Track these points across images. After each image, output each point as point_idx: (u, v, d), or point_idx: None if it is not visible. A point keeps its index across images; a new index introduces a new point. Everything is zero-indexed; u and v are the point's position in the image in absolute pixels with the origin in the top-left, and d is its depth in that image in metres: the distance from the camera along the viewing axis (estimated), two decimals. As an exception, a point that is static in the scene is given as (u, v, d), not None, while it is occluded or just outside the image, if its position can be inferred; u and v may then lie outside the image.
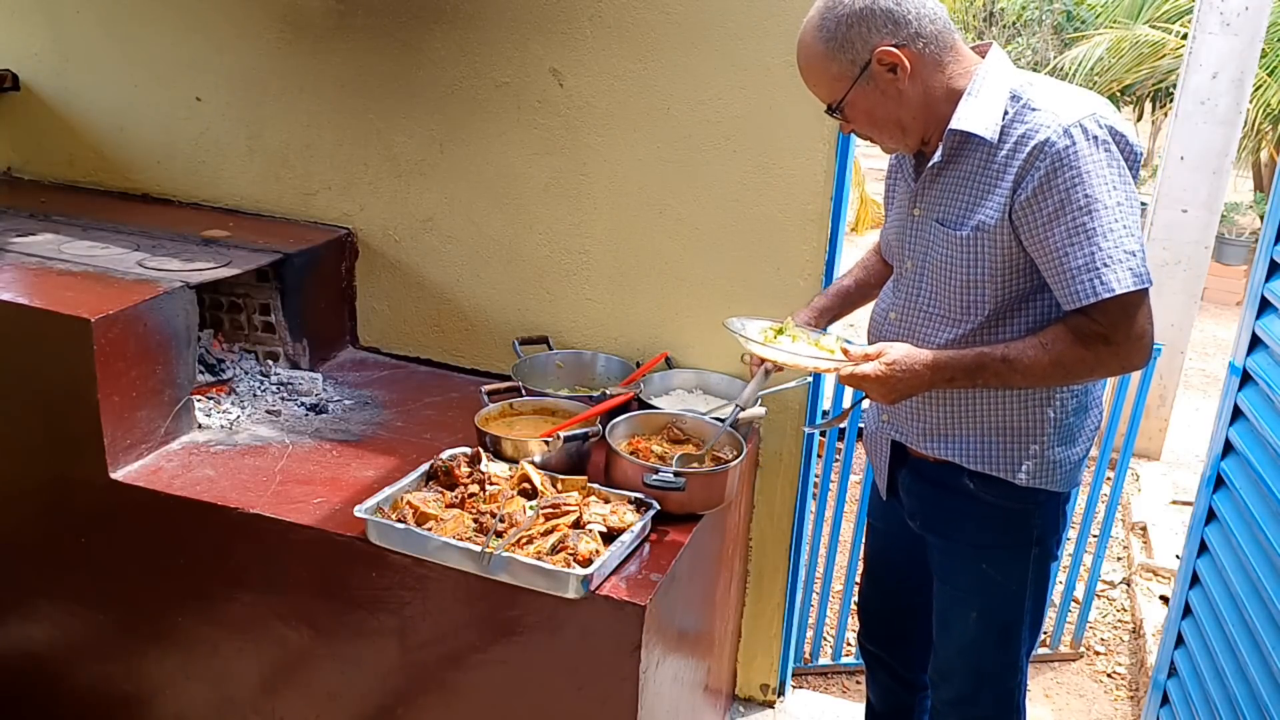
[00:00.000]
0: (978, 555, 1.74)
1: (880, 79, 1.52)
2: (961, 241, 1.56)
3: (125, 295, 1.95)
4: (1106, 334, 1.49)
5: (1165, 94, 8.75)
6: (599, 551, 1.68)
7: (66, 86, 2.69)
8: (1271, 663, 1.88)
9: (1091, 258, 1.44)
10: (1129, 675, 3.17)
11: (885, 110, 1.56)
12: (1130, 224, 1.46)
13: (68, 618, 2.11)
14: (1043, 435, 1.64)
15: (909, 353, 1.57)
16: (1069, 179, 1.44)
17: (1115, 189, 1.45)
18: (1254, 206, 8.60)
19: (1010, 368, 1.54)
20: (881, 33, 1.50)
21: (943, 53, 1.54)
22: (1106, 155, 1.45)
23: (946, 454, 1.70)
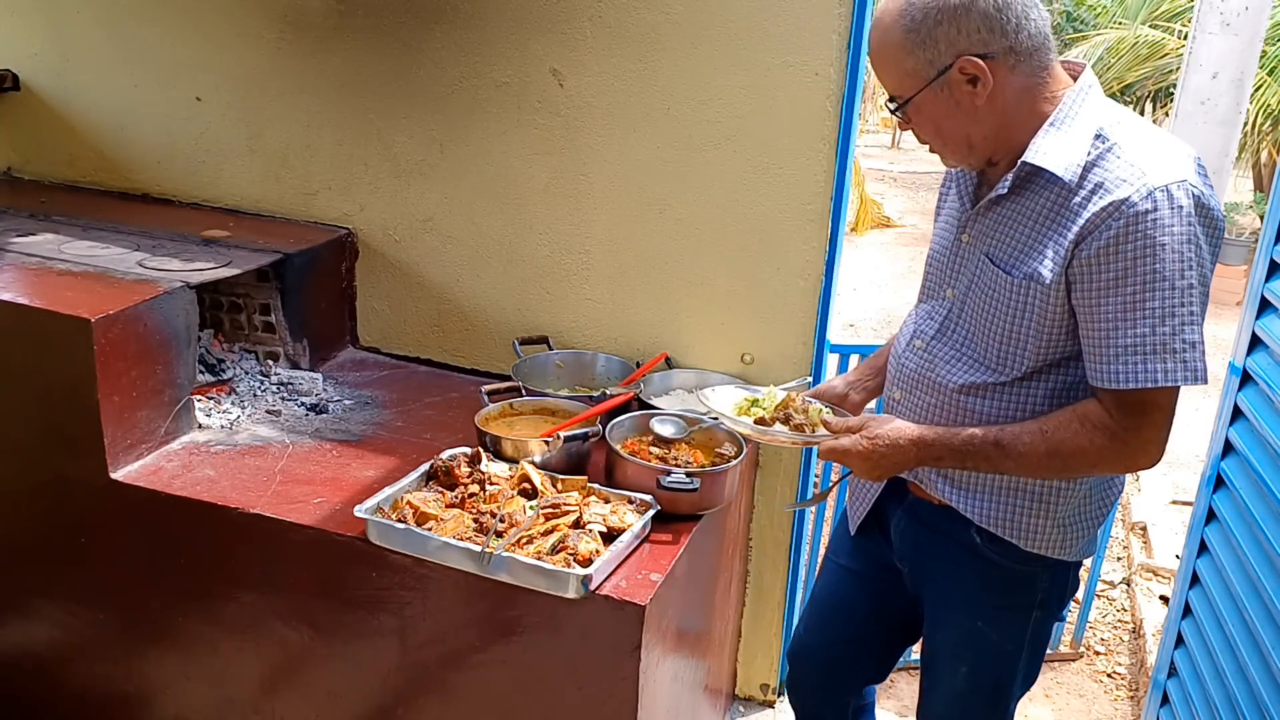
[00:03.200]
0: (974, 612, 1.61)
1: (957, 88, 1.35)
2: (1011, 287, 1.40)
3: (125, 295, 1.95)
4: (1117, 430, 1.35)
5: (1165, 94, 8.75)
6: (599, 551, 1.68)
7: (66, 86, 2.69)
8: (1271, 663, 1.88)
9: (1143, 339, 1.29)
10: (1129, 675, 3.17)
11: (955, 123, 1.39)
12: (1197, 311, 1.30)
13: (67, 618, 2.11)
14: (1063, 501, 1.51)
15: (894, 428, 1.47)
16: (1140, 248, 1.28)
17: (1190, 269, 1.28)
18: (1254, 206, 8.60)
19: (1003, 453, 1.41)
20: (973, 39, 1.32)
21: (1035, 72, 1.36)
22: (1189, 230, 1.28)
23: (955, 502, 1.55)
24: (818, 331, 2.27)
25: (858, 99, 2.11)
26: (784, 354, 2.30)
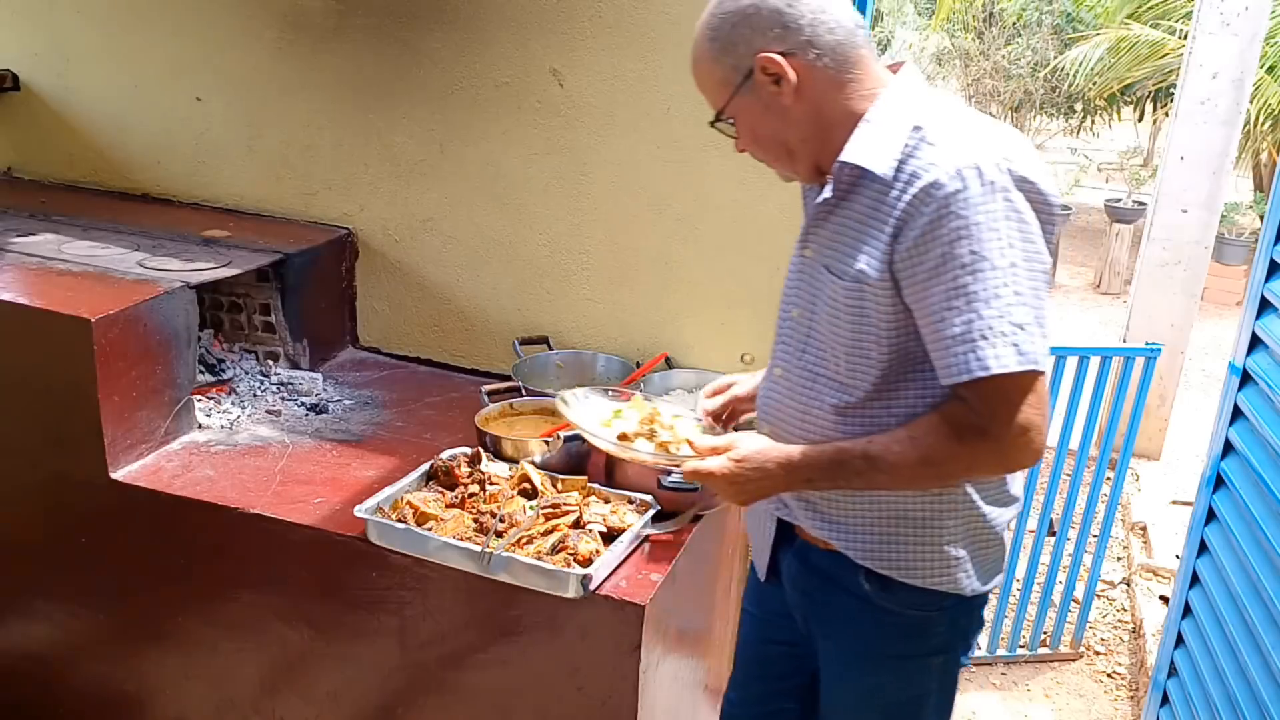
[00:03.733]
0: (873, 666, 1.49)
1: (764, 90, 1.31)
2: (846, 293, 1.32)
3: (125, 295, 1.95)
4: (984, 425, 1.25)
5: (1165, 94, 8.74)
6: (599, 551, 1.68)
7: (66, 86, 2.69)
8: (1271, 663, 1.88)
9: (969, 327, 1.21)
10: (1129, 675, 3.17)
11: (770, 128, 1.35)
12: (1024, 290, 1.21)
13: (68, 618, 2.11)
14: (946, 524, 1.39)
15: (760, 448, 1.38)
16: (954, 230, 1.20)
17: (1011, 247, 1.21)
18: (1254, 206, 8.60)
19: (874, 466, 1.31)
20: (768, 36, 1.28)
21: (843, 68, 1.30)
22: (1005, 205, 1.20)
23: (835, 540, 1.44)
24: (818, 331, 2.27)
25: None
26: (784, 354, 2.30)
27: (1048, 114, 9.51)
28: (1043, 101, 9.17)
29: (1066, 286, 8.37)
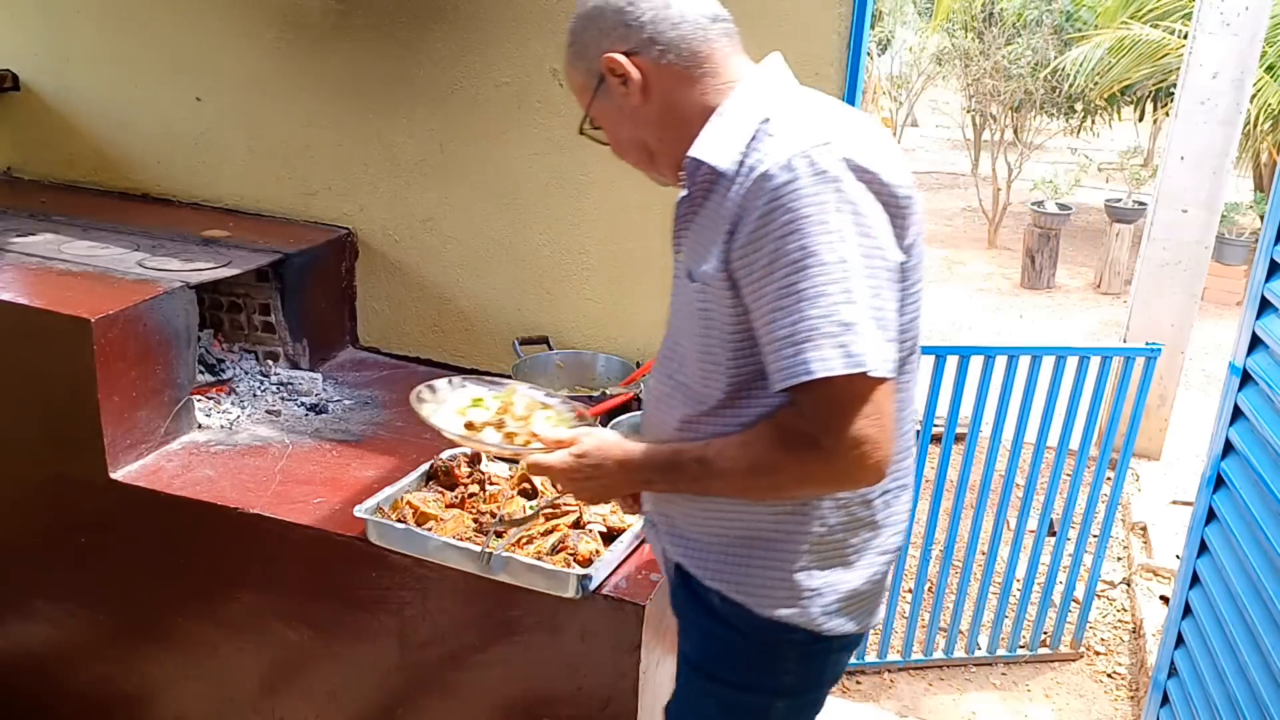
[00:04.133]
0: (708, 689, 1.39)
1: (615, 91, 1.27)
2: (694, 295, 1.25)
3: (125, 295, 1.95)
4: (814, 434, 1.13)
5: (1165, 94, 8.74)
6: (599, 551, 1.68)
7: (66, 86, 2.69)
8: (1271, 663, 1.88)
9: (794, 328, 1.10)
10: (1129, 675, 3.17)
11: (627, 130, 1.31)
12: (856, 288, 1.09)
13: (67, 618, 2.11)
14: (795, 545, 1.26)
15: (601, 445, 1.31)
16: (784, 225, 1.10)
17: (843, 241, 1.09)
18: (1254, 206, 8.60)
19: (707, 470, 1.22)
20: (612, 36, 1.24)
21: (693, 63, 1.24)
22: (837, 197, 1.10)
23: (679, 556, 1.35)
24: (818, 331, 2.27)
25: (858, 99, 2.11)
26: (784, 354, 2.30)
27: (1048, 114, 9.49)
28: (1043, 101, 9.16)
29: (1067, 286, 8.37)
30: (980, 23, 9.25)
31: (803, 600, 1.27)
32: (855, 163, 1.12)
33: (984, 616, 3.15)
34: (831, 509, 1.26)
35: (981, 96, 9.35)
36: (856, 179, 1.12)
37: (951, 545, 2.93)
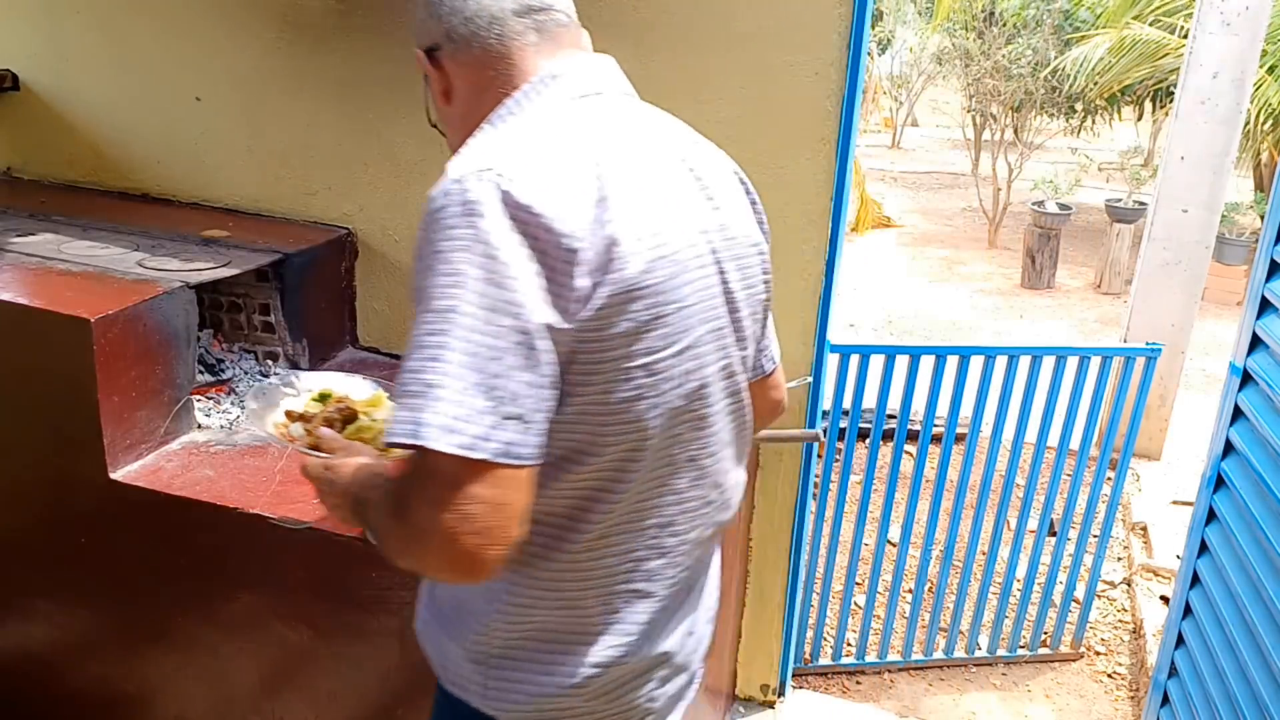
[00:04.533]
0: None
1: (430, 88, 1.18)
2: None
3: (125, 295, 1.95)
4: (404, 494, 0.94)
5: (1165, 94, 8.74)
6: (599, 552, 1.67)
7: (66, 86, 2.69)
8: (1271, 663, 1.87)
9: (398, 380, 0.92)
10: (1129, 675, 3.17)
11: (448, 129, 1.20)
12: (454, 345, 0.89)
13: (67, 618, 2.11)
14: (468, 620, 1.11)
15: (349, 458, 1.19)
16: (420, 259, 0.94)
17: (458, 286, 0.89)
18: (1254, 206, 8.60)
19: (364, 507, 1.08)
20: (421, 31, 1.14)
21: (485, 63, 1.09)
22: (470, 235, 0.90)
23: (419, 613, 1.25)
24: (818, 331, 2.27)
25: (858, 99, 2.11)
26: (784, 354, 2.28)
27: (1048, 114, 9.50)
28: (1043, 101, 9.17)
29: (1067, 286, 8.38)
30: (980, 22, 9.25)
31: (478, 681, 1.12)
32: (514, 197, 0.92)
33: (984, 616, 3.15)
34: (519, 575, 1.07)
35: (981, 96, 9.36)
36: (505, 215, 0.91)
37: (951, 545, 2.93)
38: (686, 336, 1.03)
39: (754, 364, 1.25)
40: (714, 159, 1.18)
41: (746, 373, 1.19)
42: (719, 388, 1.11)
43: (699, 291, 1.05)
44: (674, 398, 1.03)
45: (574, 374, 0.96)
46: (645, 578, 1.10)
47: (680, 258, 1.02)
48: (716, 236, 1.09)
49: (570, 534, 1.05)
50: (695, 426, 1.08)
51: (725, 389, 1.12)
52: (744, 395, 1.18)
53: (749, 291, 1.15)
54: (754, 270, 1.17)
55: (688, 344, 1.03)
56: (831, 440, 2.70)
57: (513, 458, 0.90)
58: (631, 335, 0.97)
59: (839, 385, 2.63)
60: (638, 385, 0.99)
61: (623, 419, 1.00)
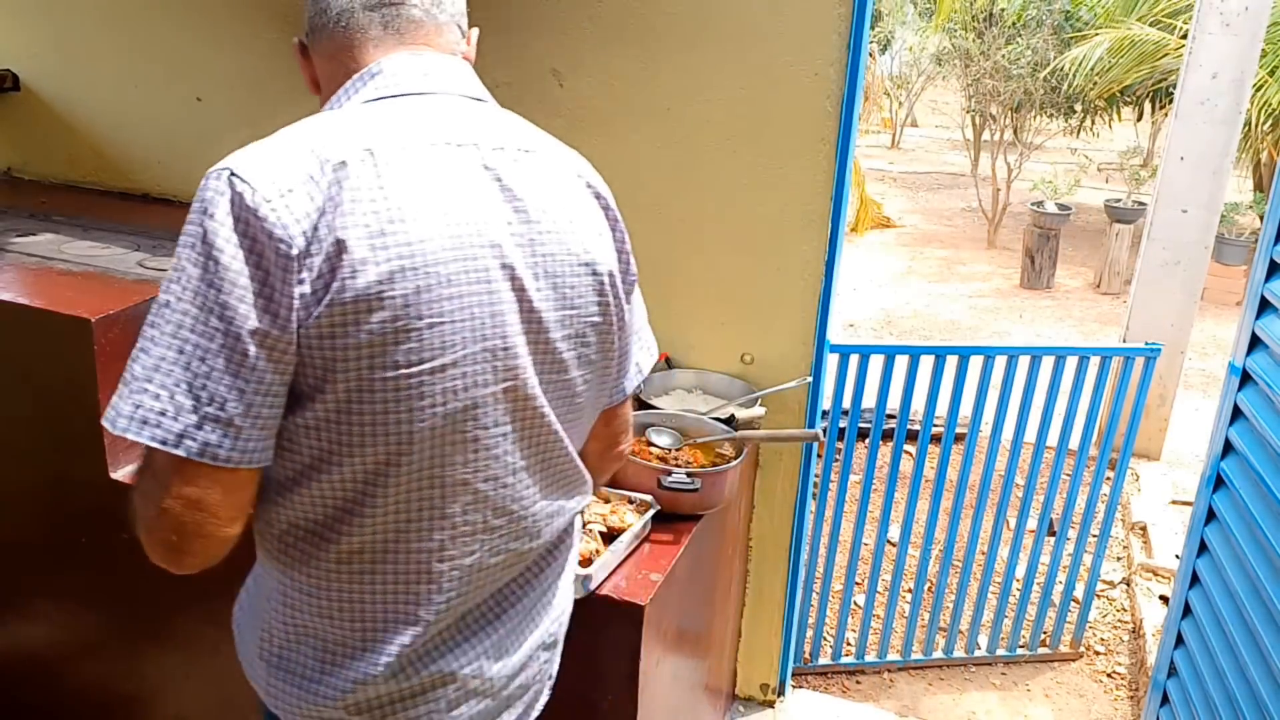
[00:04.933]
0: None
1: (304, 78, 1.17)
2: None
3: (125, 295, 1.95)
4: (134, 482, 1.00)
5: (1165, 94, 8.74)
6: (599, 551, 1.68)
7: (66, 86, 2.69)
8: (1271, 662, 1.88)
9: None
10: (1129, 675, 3.17)
11: None
12: (159, 339, 0.90)
13: (67, 618, 2.11)
14: (252, 617, 1.17)
15: None
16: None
17: (177, 282, 0.90)
18: (1254, 206, 8.61)
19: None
20: (303, 19, 1.13)
21: (332, 55, 1.09)
22: (196, 232, 0.91)
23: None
24: (818, 331, 2.27)
25: (858, 99, 2.12)
26: (784, 354, 2.30)
27: (1048, 114, 9.51)
28: (1043, 102, 9.17)
29: (1066, 286, 8.38)
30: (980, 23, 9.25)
31: (265, 677, 1.13)
32: (242, 199, 0.91)
33: (984, 616, 3.16)
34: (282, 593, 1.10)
35: (981, 96, 9.36)
36: (231, 216, 0.90)
37: (951, 545, 2.93)
38: (448, 354, 0.97)
39: (611, 390, 1.21)
40: (546, 171, 1.08)
41: (568, 397, 1.11)
42: (499, 411, 1.03)
43: (470, 308, 0.98)
44: (433, 416, 0.98)
45: (308, 381, 0.94)
46: (412, 600, 1.06)
47: (443, 271, 0.96)
48: (517, 251, 1.01)
49: (326, 544, 1.03)
50: (467, 449, 1.02)
51: (512, 413, 1.05)
52: (550, 420, 1.09)
53: (568, 312, 1.07)
54: (580, 290, 1.08)
55: (449, 361, 0.97)
56: (831, 440, 2.70)
57: (212, 459, 0.91)
58: (372, 348, 0.93)
59: (838, 385, 2.64)
60: (384, 400, 0.96)
61: (370, 432, 0.97)
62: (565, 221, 1.07)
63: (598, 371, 1.15)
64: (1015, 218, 9.78)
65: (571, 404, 1.13)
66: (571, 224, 1.08)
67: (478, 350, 1.00)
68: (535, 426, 1.08)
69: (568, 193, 1.10)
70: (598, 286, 1.10)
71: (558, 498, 1.16)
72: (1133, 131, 11.86)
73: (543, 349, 1.06)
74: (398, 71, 1.06)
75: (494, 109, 1.11)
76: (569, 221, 1.08)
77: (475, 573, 1.09)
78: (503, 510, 1.08)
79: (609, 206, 1.18)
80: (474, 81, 1.12)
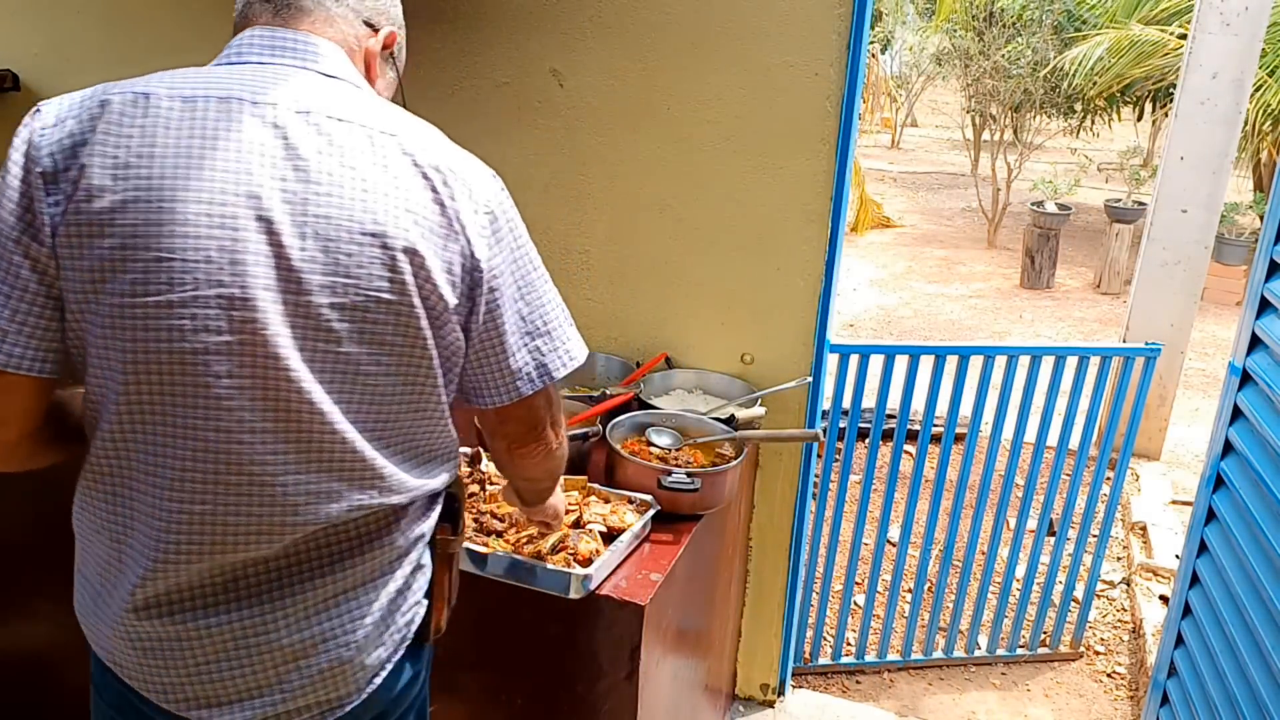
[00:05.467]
0: None
1: None
2: None
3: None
4: None
5: (1165, 94, 8.75)
6: (599, 551, 1.68)
7: (66, 86, 2.68)
8: (1271, 662, 1.88)
9: None
10: (1129, 675, 3.17)
11: None
12: None
13: (68, 617, 2.10)
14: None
15: None
16: None
17: None
18: (1254, 206, 8.61)
19: None
20: None
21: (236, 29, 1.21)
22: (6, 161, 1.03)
23: None
24: (818, 331, 2.27)
25: (858, 99, 2.12)
26: (784, 354, 2.31)
27: (1047, 114, 9.51)
28: (1042, 101, 9.18)
29: (1066, 286, 8.38)
30: (980, 23, 9.25)
31: None
32: (28, 125, 1.04)
33: (984, 616, 3.16)
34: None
35: (981, 96, 9.36)
36: (23, 147, 1.03)
37: (951, 545, 2.93)
38: (175, 291, 1.00)
39: (488, 389, 1.20)
40: (354, 139, 1.07)
41: (347, 375, 1.08)
42: (233, 363, 1.03)
43: (206, 250, 1.00)
44: (159, 351, 1.01)
45: (63, 294, 1.02)
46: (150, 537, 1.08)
47: (180, 210, 0.99)
48: (283, 207, 1.02)
49: (88, 461, 1.10)
50: (196, 394, 1.03)
51: (251, 368, 1.03)
52: (307, 390, 1.05)
53: (341, 280, 1.04)
54: (360, 260, 1.04)
55: (176, 299, 1.00)
56: (831, 440, 2.70)
57: None
58: (101, 271, 1.00)
59: (838, 385, 2.64)
60: (111, 326, 1.01)
61: (100, 355, 1.03)
62: (356, 190, 1.05)
63: (403, 356, 1.10)
64: (1015, 218, 9.79)
65: (356, 384, 1.08)
66: (365, 194, 1.05)
67: (210, 295, 1.01)
68: (283, 391, 1.05)
69: (377, 165, 1.07)
70: (387, 261, 1.05)
71: (329, 480, 1.10)
72: (1133, 131, 11.86)
73: (303, 311, 1.04)
74: (249, 42, 1.15)
75: (334, 83, 1.13)
76: (362, 191, 1.05)
77: (213, 526, 1.07)
78: (240, 469, 1.06)
79: (443, 190, 1.13)
80: (335, 62, 1.15)
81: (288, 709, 1.15)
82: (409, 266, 1.06)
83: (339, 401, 1.08)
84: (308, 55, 1.14)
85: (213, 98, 1.04)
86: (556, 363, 1.24)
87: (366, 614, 1.17)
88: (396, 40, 1.28)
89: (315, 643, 1.14)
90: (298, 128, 1.05)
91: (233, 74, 1.09)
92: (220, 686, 1.13)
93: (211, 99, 1.04)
